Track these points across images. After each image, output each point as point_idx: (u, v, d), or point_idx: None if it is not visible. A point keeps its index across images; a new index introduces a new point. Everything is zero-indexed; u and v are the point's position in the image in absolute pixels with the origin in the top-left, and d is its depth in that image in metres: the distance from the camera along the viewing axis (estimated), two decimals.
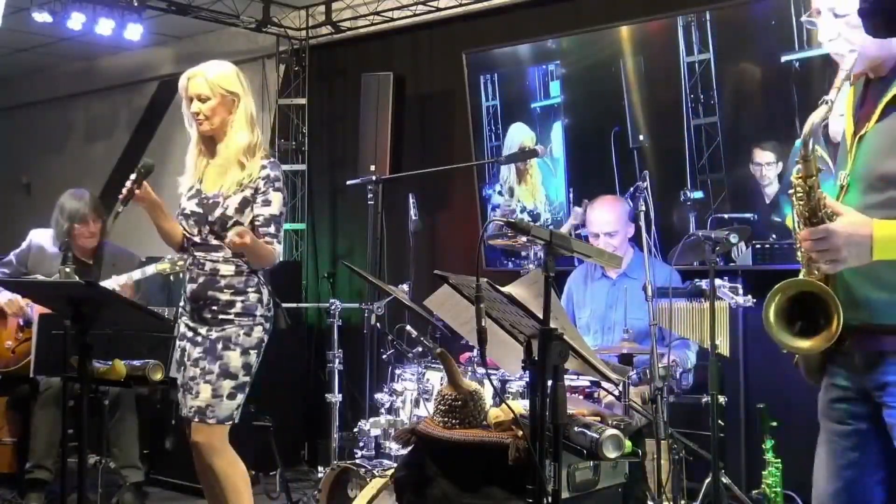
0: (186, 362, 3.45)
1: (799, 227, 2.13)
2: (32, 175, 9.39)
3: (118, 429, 4.76)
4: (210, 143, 3.53)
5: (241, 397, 3.43)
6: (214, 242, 3.45)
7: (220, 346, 3.40)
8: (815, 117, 2.11)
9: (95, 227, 4.85)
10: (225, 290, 3.42)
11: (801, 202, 2.11)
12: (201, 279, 3.45)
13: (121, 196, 3.35)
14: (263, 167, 3.46)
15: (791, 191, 2.15)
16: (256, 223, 3.45)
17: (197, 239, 3.48)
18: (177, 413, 5.11)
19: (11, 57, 8.37)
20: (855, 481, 2.21)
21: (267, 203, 3.44)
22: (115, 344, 3.52)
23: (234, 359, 3.40)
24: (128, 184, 3.36)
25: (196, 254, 3.48)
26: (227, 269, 3.44)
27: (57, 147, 9.14)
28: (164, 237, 3.57)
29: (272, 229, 3.44)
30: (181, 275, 3.65)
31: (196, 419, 3.39)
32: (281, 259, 3.59)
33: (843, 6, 2.18)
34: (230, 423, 3.43)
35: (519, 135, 5.48)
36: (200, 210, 3.46)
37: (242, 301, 3.43)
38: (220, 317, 3.42)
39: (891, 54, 2.17)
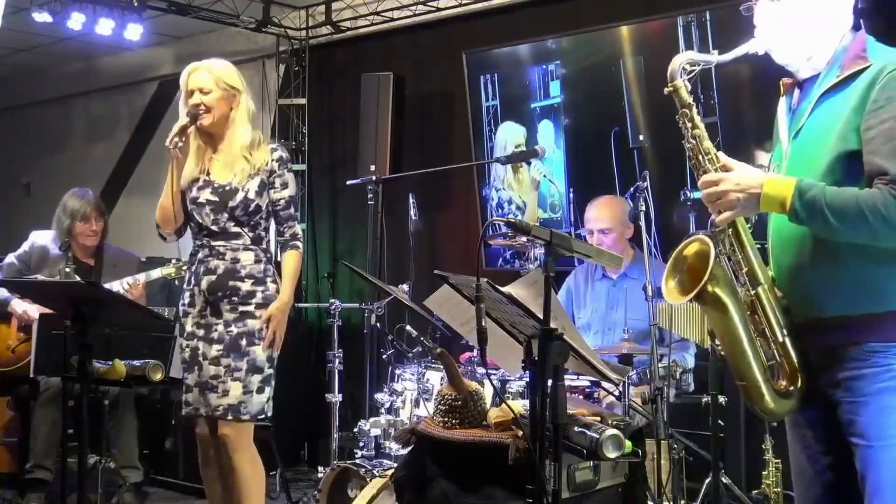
0: (202, 361, 3.42)
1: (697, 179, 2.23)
2: (32, 175, 9.38)
3: (118, 429, 4.75)
4: (209, 138, 3.53)
5: (268, 391, 3.45)
6: (234, 230, 3.46)
7: (243, 341, 3.39)
8: (690, 55, 2.25)
9: (97, 225, 4.85)
10: (246, 280, 3.43)
11: (689, 147, 2.23)
12: (221, 269, 3.43)
13: (178, 128, 3.37)
14: (274, 150, 3.53)
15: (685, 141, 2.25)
16: (277, 207, 3.50)
17: (215, 228, 3.46)
18: (177, 413, 5.13)
19: (11, 57, 8.37)
20: (833, 485, 2.23)
21: (285, 185, 3.52)
22: (115, 344, 3.52)
23: (260, 353, 3.41)
24: (187, 120, 3.37)
25: (213, 243, 3.47)
26: (247, 258, 3.45)
27: (57, 147, 9.13)
28: (174, 209, 3.44)
29: (292, 210, 3.54)
30: (189, 275, 3.64)
31: (229, 416, 3.38)
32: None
33: None
34: (262, 416, 3.45)
35: (510, 134, 5.49)
36: (217, 198, 3.45)
37: (263, 291, 3.44)
38: (241, 309, 3.41)
39: (820, 53, 2.20)
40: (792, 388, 2.18)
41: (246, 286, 3.42)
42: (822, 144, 2.13)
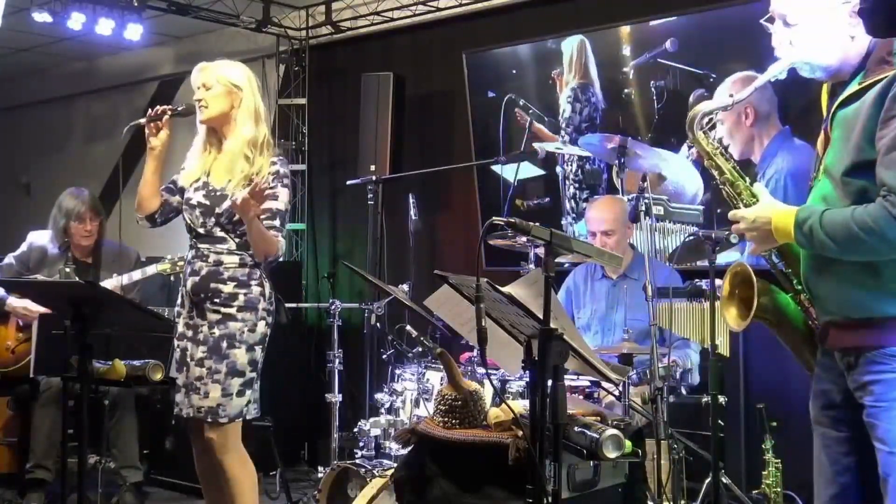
0: (189, 362, 3.42)
1: None
2: (32, 175, 9.39)
3: (118, 429, 4.75)
4: (215, 137, 3.54)
5: (249, 393, 3.43)
6: (220, 234, 3.45)
7: (224, 344, 3.38)
8: (706, 105, 2.31)
9: (92, 225, 4.85)
10: (228, 282, 3.41)
11: (721, 185, 2.38)
12: (204, 270, 3.43)
13: (151, 112, 3.43)
14: (273, 163, 3.49)
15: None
16: (261, 217, 3.45)
17: (202, 230, 3.47)
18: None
19: (11, 57, 8.37)
20: (851, 486, 2.24)
21: (274, 197, 3.46)
22: (115, 344, 3.52)
23: (241, 356, 3.39)
24: (166, 107, 3.43)
25: (200, 245, 3.48)
26: (231, 261, 3.43)
27: (57, 147, 9.14)
28: (144, 194, 3.51)
29: (276, 223, 3.46)
30: (181, 275, 3.64)
31: (208, 419, 3.38)
32: (283, 257, 3.59)
33: (793, 17, 2.23)
34: (241, 419, 3.43)
35: None
36: (207, 202, 3.46)
37: (245, 294, 3.42)
38: (223, 311, 3.39)
39: (846, 63, 2.21)
40: None
41: (228, 288, 3.41)
42: (841, 155, 2.14)
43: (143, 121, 3.45)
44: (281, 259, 3.57)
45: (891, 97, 2.04)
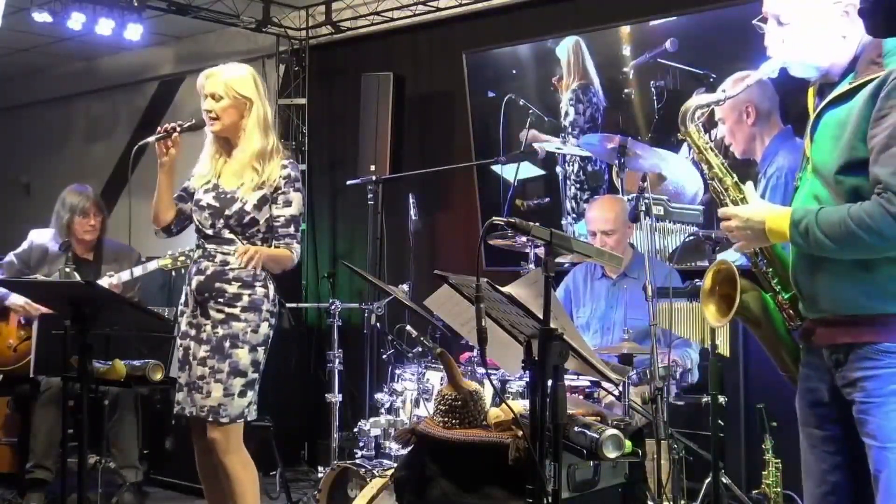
0: (192, 361, 3.43)
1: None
2: (32, 175, 9.38)
3: (118, 429, 4.76)
4: (225, 143, 3.55)
5: (251, 394, 3.44)
6: (228, 236, 3.47)
7: (227, 344, 3.39)
8: (699, 100, 2.34)
9: (96, 220, 4.87)
10: (233, 283, 3.42)
11: (709, 184, 2.41)
12: (210, 270, 3.44)
13: (160, 129, 3.48)
14: (284, 167, 3.50)
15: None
16: (276, 223, 3.48)
17: (210, 231, 3.48)
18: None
19: (11, 57, 8.36)
20: (841, 484, 2.24)
21: (288, 203, 3.48)
22: (115, 344, 3.53)
23: (243, 356, 3.40)
24: (174, 124, 3.47)
25: (207, 246, 3.49)
26: (236, 262, 3.44)
27: (57, 147, 9.13)
28: (158, 207, 3.55)
29: (292, 230, 3.49)
30: (182, 270, 3.65)
31: (210, 418, 3.38)
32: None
33: (787, 16, 2.24)
34: (242, 420, 3.43)
35: None
36: (217, 204, 3.47)
37: (250, 295, 3.43)
38: (227, 311, 3.40)
39: (836, 63, 2.22)
40: None
41: (232, 289, 3.42)
42: (833, 154, 2.14)
43: (151, 139, 3.48)
44: (298, 258, 3.59)
45: (882, 96, 2.05)
